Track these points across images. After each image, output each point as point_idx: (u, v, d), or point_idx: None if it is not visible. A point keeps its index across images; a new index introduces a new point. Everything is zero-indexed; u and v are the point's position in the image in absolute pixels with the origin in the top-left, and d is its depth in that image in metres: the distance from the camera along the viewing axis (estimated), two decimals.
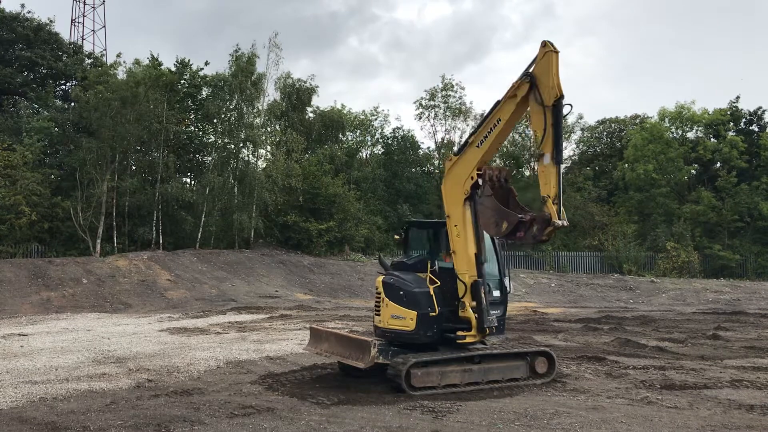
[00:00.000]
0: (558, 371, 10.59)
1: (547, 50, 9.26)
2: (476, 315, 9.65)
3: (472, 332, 9.71)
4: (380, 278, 10.37)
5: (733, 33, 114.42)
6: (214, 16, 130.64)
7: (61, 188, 32.66)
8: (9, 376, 10.76)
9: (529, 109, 9.51)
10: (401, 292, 9.91)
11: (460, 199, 9.89)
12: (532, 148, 9.62)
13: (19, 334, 16.19)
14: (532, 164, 49.41)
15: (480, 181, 9.74)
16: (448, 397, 9.11)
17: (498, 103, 9.77)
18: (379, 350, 9.61)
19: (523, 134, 48.17)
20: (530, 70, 9.36)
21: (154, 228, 33.36)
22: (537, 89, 9.22)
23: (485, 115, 10.07)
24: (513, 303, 27.36)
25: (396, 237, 11.61)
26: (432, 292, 9.81)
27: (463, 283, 9.80)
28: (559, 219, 8.91)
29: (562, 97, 9.14)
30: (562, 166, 9.13)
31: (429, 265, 10.02)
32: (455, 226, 9.92)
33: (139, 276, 27.53)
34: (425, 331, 9.71)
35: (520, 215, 9.18)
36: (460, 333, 9.77)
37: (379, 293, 10.20)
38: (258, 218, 34.99)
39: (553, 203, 8.95)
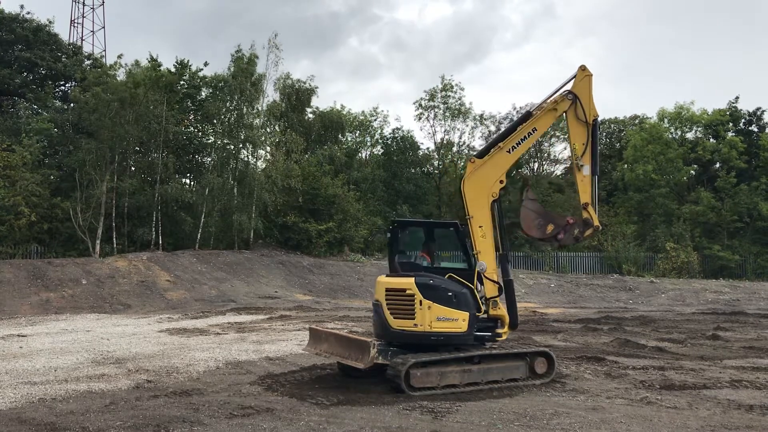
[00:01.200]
0: (557, 371, 10.58)
1: (586, 74, 10.67)
2: (509, 312, 10.26)
3: (505, 329, 10.24)
4: (409, 279, 9.77)
5: (732, 33, 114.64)
6: (214, 16, 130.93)
7: (60, 189, 32.66)
8: (8, 377, 10.75)
9: (567, 123, 10.78)
10: (450, 293, 9.77)
11: (487, 201, 10.28)
12: (575, 159, 10.72)
13: (18, 335, 16.19)
14: (531, 165, 49.61)
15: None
16: (447, 398, 9.11)
17: (529, 113, 10.69)
18: (379, 351, 9.60)
19: None
20: (571, 89, 10.60)
21: (153, 229, 33.36)
22: (581, 107, 10.54)
23: (515, 123, 10.84)
24: None
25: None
26: (476, 292, 10.06)
27: (493, 282, 10.13)
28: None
29: (597, 116, 10.67)
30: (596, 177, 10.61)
31: (476, 265, 10.13)
32: (480, 227, 10.17)
33: (138, 277, 27.53)
34: (473, 330, 9.93)
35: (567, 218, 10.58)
36: (498, 330, 10.19)
37: (411, 295, 9.65)
38: (257, 219, 34.99)
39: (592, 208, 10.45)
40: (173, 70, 37.13)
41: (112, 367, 11.72)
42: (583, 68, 10.68)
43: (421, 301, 9.61)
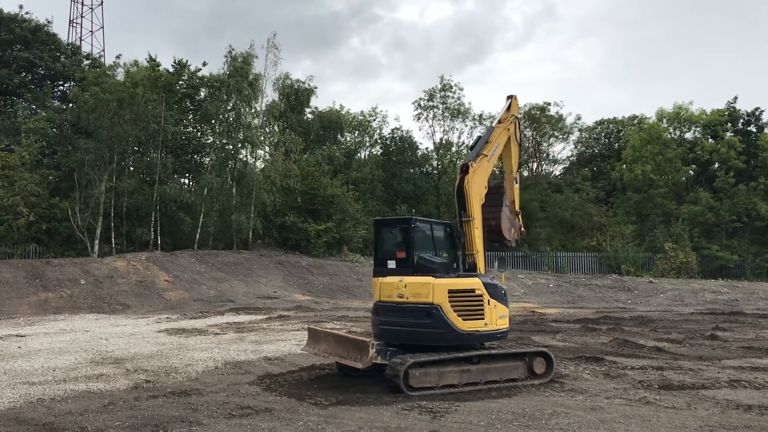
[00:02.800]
0: (556, 371, 10.59)
1: (517, 102, 12.02)
2: None
3: None
4: (475, 280, 9.93)
5: (732, 34, 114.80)
6: (214, 17, 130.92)
7: (59, 189, 32.64)
8: (6, 377, 10.74)
9: (508, 143, 11.71)
10: (503, 292, 10.24)
11: (480, 203, 10.74)
12: (510, 174, 11.87)
13: (17, 335, 16.17)
14: (530, 165, 49.64)
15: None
16: (446, 398, 9.10)
17: (492, 127, 11.60)
18: (378, 351, 9.60)
19: (521, 134, 48.25)
20: (514, 114, 11.82)
21: (152, 229, 33.34)
22: (520, 130, 12.06)
23: (486, 134, 11.48)
24: (511, 303, 27.41)
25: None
26: None
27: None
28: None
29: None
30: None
31: (499, 265, 10.54)
32: (476, 228, 10.55)
33: (137, 277, 27.51)
34: None
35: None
36: None
37: (480, 295, 9.81)
38: (256, 219, 34.98)
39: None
40: (172, 70, 37.11)
41: (110, 367, 11.71)
42: (515, 97, 11.90)
43: (489, 300, 9.88)
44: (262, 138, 37.86)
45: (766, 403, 9.00)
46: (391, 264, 10.28)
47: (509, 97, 11.91)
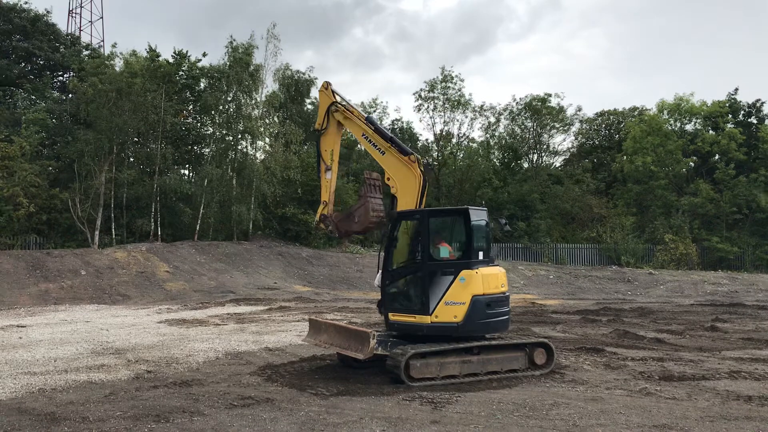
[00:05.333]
0: (557, 362, 10.61)
1: (321, 89, 11.65)
2: None
3: None
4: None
5: (733, 25, 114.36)
6: (216, 8, 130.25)
7: (59, 180, 32.62)
8: (8, 368, 10.76)
9: (331, 131, 11.64)
10: None
11: None
12: (330, 163, 11.63)
13: (18, 326, 16.20)
14: (530, 156, 49.54)
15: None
16: (447, 388, 9.13)
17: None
18: (378, 341, 9.61)
19: (522, 126, 48.12)
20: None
21: (152, 220, 33.32)
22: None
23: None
24: (512, 295, 27.39)
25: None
26: None
27: None
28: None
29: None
30: None
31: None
32: None
33: (137, 268, 27.52)
34: None
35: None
36: None
37: None
38: (256, 210, 34.96)
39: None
40: (171, 60, 36.96)
41: (111, 358, 11.73)
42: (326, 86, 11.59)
43: None
44: (262, 129, 37.76)
45: (766, 393, 9.02)
46: (480, 255, 10.02)
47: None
